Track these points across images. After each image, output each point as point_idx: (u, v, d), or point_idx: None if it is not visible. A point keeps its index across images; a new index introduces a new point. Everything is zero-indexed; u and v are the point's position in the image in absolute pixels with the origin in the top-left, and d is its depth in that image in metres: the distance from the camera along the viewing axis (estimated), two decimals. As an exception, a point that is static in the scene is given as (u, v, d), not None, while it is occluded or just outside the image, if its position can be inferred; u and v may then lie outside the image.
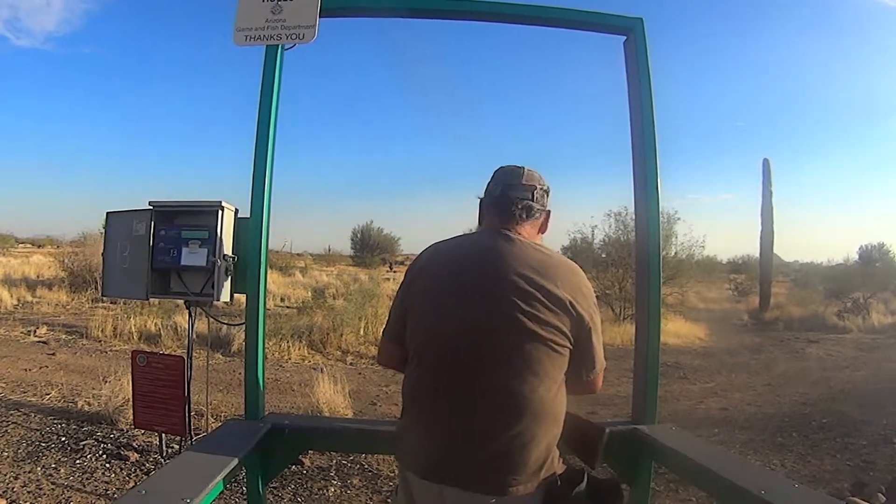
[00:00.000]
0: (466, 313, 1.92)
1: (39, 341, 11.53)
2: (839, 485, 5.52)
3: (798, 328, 19.04)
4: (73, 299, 17.80)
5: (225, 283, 2.86)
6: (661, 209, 2.98)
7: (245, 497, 3.11)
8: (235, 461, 2.25)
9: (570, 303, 1.91)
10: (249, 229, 2.79)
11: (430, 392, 1.99)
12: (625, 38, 3.06)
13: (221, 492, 2.21)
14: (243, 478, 2.81)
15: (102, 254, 3.12)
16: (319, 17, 2.86)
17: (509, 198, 2.06)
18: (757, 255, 26.15)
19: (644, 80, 2.96)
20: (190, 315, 3.11)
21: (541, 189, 2.10)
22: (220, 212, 2.82)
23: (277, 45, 2.86)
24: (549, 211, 2.18)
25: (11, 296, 16.86)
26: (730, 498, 2.21)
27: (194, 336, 3.30)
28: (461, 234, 2.21)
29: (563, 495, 1.90)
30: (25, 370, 9.03)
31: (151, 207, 2.91)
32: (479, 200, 2.20)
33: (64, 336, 12.13)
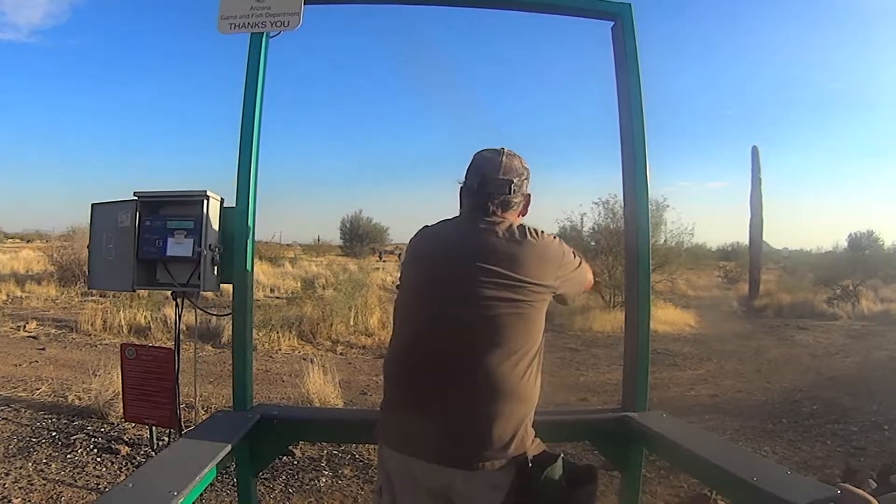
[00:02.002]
0: (438, 296, 2.03)
1: (29, 336, 11.50)
2: (830, 471, 5.54)
3: (788, 315, 19.13)
4: (62, 293, 17.74)
5: (211, 274, 2.85)
6: (650, 197, 2.97)
7: (236, 488, 3.10)
8: (224, 453, 2.24)
9: (536, 278, 2.01)
10: (235, 219, 2.78)
11: (402, 369, 2.11)
12: (612, 23, 3.04)
13: (211, 483, 2.20)
14: (234, 469, 2.80)
15: (88, 246, 3.09)
16: (304, 4, 2.83)
17: (486, 193, 2.12)
18: (746, 242, 26.19)
19: (632, 66, 2.94)
20: (177, 306, 3.08)
21: (518, 179, 2.15)
22: (205, 201, 2.79)
23: (262, 33, 2.83)
24: (528, 195, 2.24)
25: (0, 291, 16.78)
26: (721, 485, 2.22)
27: (183, 327, 3.28)
28: (449, 218, 2.26)
29: (534, 476, 1.93)
30: (15, 365, 9.01)
31: (136, 198, 2.88)
32: (459, 186, 2.26)
33: (54, 330, 12.09)
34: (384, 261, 38.81)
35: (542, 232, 2.11)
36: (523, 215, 2.23)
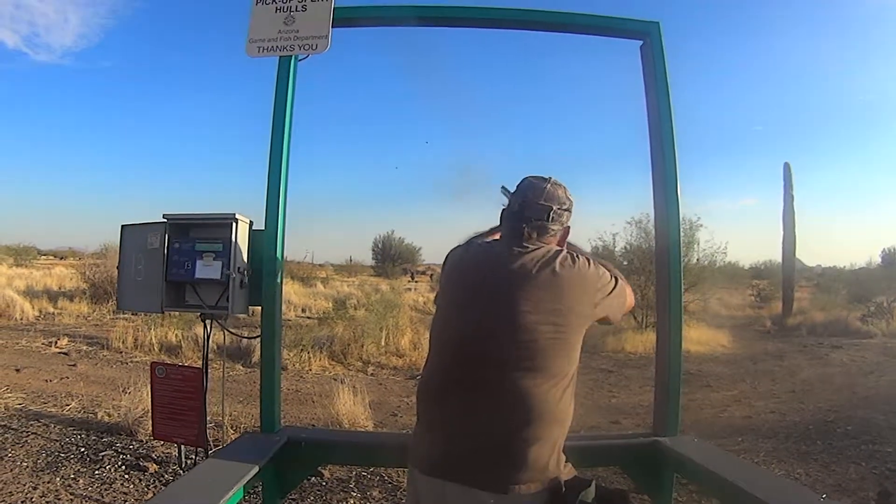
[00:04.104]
0: (476, 319, 2.01)
1: (60, 352, 11.61)
2: (864, 493, 5.44)
3: (821, 333, 18.79)
4: (94, 311, 17.95)
5: (240, 296, 2.85)
6: (682, 215, 2.93)
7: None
8: (250, 475, 2.25)
9: (575, 304, 2.01)
10: (264, 241, 2.80)
11: (438, 391, 2.07)
12: (641, 42, 3.03)
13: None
14: (261, 490, 2.79)
15: (118, 267, 3.12)
16: (332, 27, 2.85)
17: (523, 216, 2.14)
18: (779, 259, 25.82)
19: (661, 85, 2.93)
20: (205, 328, 3.09)
21: (559, 208, 2.16)
22: (234, 224, 2.80)
23: (291, 56, 2.85)
24: (567, 227, 2.25)
25: (33, 307, 17.01)
26: (754, 513, 2.16)
27: (214, 346, 3.29)
28: (487, 239, 2.31)
29: (567, 501, 1.91)
30: (46, 381, 9.09)
31: (166, 220, 2.90)
32: (501, 208, 2.27)
33: (85, 347, 12.21)
34: (416, 281, 38.93)
35: (579, 257, 2.09)
36: (559, 246, 2.21)
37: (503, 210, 2.25)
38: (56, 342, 12.37)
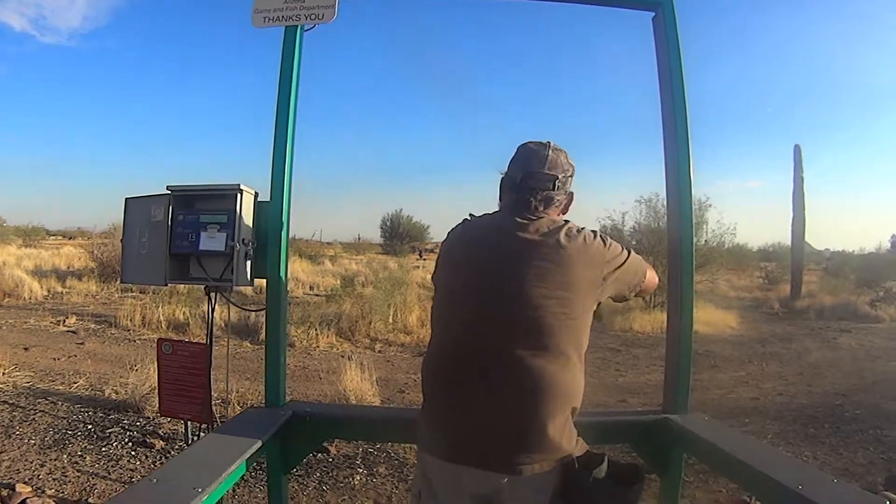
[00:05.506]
0: (482, 295, 1.96)
1: (68, 331, 11.67)
2: (872, 478, 5.42)
3: (829, 317, 18.72)
4: (102, 289, 18.00)
5: (244, 269, 2.82)
6: (693, 195, 2.88)
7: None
8: (253, 449, 2.22)
9: (584, 278, 1.96)
10: (270, 213, 2.76)
11: (443, 372, 2.03)
12: (653, 13, 2.96)
13: (244, 479, 2.18)
14: (265, 466, 2.78)
15: (121, 240, 3.09)
16: (339, -4, 2.80)
17: (529, 188, 2.06)
18: (788, 242, 25.71)
19: (674, 58, 2.86)
20: (210, 301, 3.07)
21: (563, 175, 2.09)
22: (238, 195, 2.76)
23: (297, 26, 2.80)
24: (571, 193, 2.18)
25: (42, 287, 17.07)
26: (765, 492, 2.13)
27: (221, 323, 3.26)
28: (488, 213, 2.20)
29: (581, 478, 1.89)
30: (54, 359, 9.14)
31: (169, 192, 2.87)
32: (500, 177, 2.20)
33: (93, 325, 12.27)
34: (424, 259, 38.91)
35: (584, 229, 2.04)
36: (564, 213, 2.16)
37: (502, 179, 2.18)
38: (64, 321, 12.43)
